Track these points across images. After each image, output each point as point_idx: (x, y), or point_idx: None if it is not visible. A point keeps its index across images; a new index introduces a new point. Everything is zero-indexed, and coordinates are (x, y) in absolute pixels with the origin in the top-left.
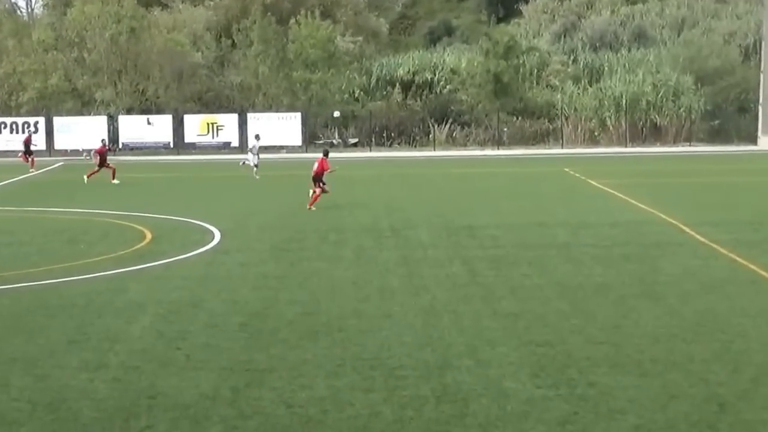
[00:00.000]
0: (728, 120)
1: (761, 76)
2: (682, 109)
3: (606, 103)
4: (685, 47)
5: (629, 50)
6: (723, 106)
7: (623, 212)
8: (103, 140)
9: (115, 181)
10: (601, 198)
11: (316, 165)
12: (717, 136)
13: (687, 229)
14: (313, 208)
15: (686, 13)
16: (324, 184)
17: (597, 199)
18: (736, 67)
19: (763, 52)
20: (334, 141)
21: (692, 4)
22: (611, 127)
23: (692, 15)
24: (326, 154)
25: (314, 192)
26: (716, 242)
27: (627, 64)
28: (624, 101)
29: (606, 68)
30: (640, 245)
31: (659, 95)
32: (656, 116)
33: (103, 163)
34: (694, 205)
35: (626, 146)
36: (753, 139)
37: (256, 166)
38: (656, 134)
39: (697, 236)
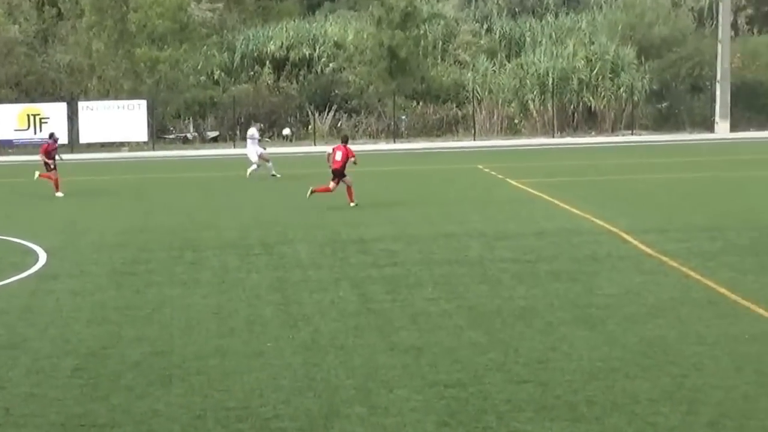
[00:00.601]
0: (679, 102)
1: (719, 46)
2: (622, 89)
3: (528, 82)
4: (626, 12)
5: (557, 16)
6: (672, 84)
7: (551, 219)
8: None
9: None
10: (524, 202)
11: (338, 155)
12: (665, 122)
13: (629, 238)
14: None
15: None
16: (345, 176)
17: (518, 204)
18: (688, 36)
19: (720, 17)
20: (189, 135)
21: None
22: (535, 113)
23: None
24: (346, 140)
25: (327, 187)
26: (665, 254)
27: (554, 34)
28: (551, 80)
29: (528, 39)
30: (572, 259)
31: (594, 72)
32: (590, 98)
33: None
34: (638, 208)
35: (553, 136)
36: (709, 125)
37: (259, 165)
38: (591, 121)
39: (642, 247)
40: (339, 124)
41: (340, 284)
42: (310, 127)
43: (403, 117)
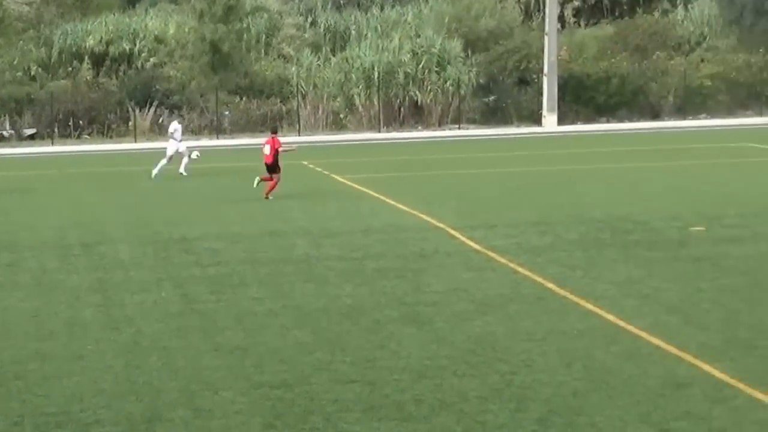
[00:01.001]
0: (506, 95)
1: (546, 39)
2: (449, 83)
3: (354, 76)
4: (452, 4)
5: (382, 9)
6: (500, 78)
7: (377, 215)
8: None
9: None
10: (350, 198)
11: (267, 149)
12: (493, 115)
13: (457, 234)
14: (271, 197)
15: None
16: (278, 170)
17: (344, 200)
18: (515, 29)
19: (547, 9)
20: (4, 133)
21: None
22: (361, 108)
23: None
24: (275, 131)
25: (271, 179)
26: (494, 250)
27: (380, 27)
28: (376, 74)
29: (353, 32)
30: (399, 257)
31: (420, 66)
32: (417, 92)
33: None
34: (465, 203)
35: (380, 131)
36: (536, 119)
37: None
38: (417, 115)
39: (470, 243)
40: (160, 121)
41: (163, 284)
42: (130, 123)
43: (226, 113)
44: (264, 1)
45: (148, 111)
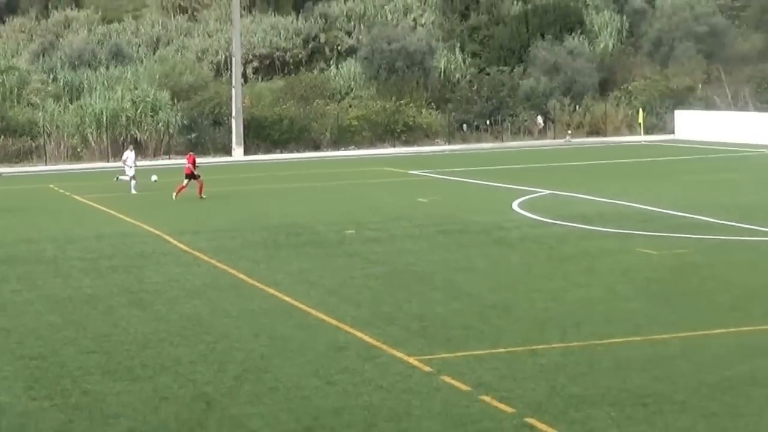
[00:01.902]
0: (204, 133)
1: (233, 90)
2: (160, 124)
3: (87, 119)
4: (161, 64)
5: (107, 68)
6: (199, 119)
7: (108, 225)
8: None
9: None
10: (87, 212)
11: (186, 161)
12: (195, 147)
13: (170, 239)
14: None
15: (161, 32)
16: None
17: (83, 214)
18: (209, 83)
19: (233, 68)
20: None
21: (166, 23)
22: (93, 143)
23: (166, 33)
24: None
25: (190, 183)
26: (198, 250)
27: (106, 81)
28: (104, 117)
29: (86, 86)
30: (126, 256)
31: (138, 110)
32: (136, 131)
33: None
34: (176, 216)
35: (109, 161)
36: (228, 150)
37: (133, 178)
38: (137, 148)
39: (180, 245)
40: None
41: None
42: None
43: None
44: (15, 62)
45: None
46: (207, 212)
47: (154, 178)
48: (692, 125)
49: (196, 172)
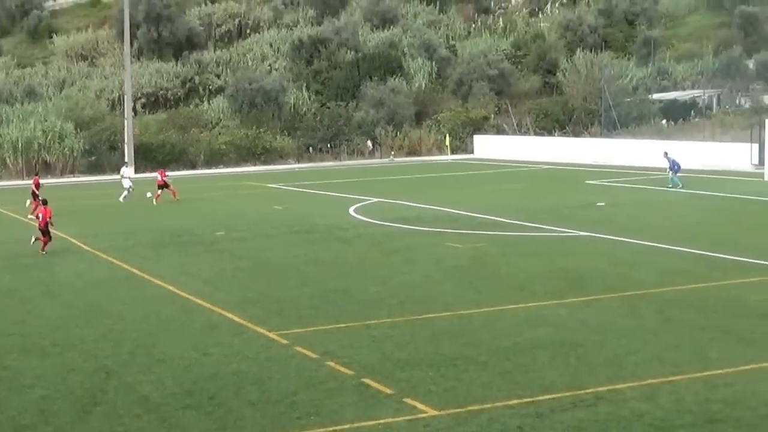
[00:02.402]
0: (102, 156)
1: (125, 121)
2: (66, 149)
3: (5, 146)
4: (66, 101)
5: (22, 104)
6: (98, 145)
7: (24, 231)
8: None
9: None
10: (5, 221)
11: (159, 175)
12: (95, 168)
13: (76, 241)
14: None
15: (66, 75)
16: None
17: (2, 222)
18: (106, 116)
19: (125, 104)
20: None
21: (70, 68)
22: (11, 165)
23: (71, 76)
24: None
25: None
26: (99, 250)
27: (21, 115)
28: (20, 144)
29: (4, 118)
30: (39, 256)
31: (48, 138)
32: (47, 154)
33: None
34: (80, 223)
35: (23, 179)
36: (119, 170)
37: (127, 190)
38: (47, 169)
39: (84, 246)
40: None
41: None
42: None
43: None
44: None
45: None
46: (105, 220)
47: (148, 194)
48: (487, 147)
49: (167, 181)
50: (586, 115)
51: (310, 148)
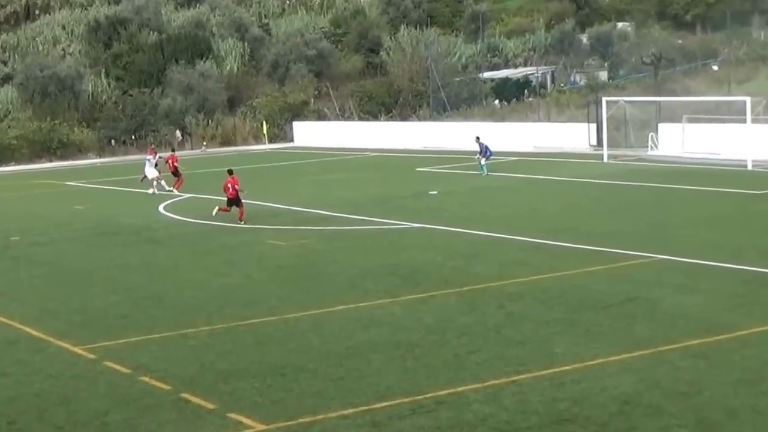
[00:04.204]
0: None
1: None
2: None
3: None
4: None
5: None
6: None
7: None
8: None
9: None
10: None
11: (230, 187)
12: None
13: None
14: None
15: None
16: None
17: None
18: None
19: None
20: None
21: None
22: None
23: None
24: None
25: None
26: None
27: None
28: None
29: None
30: None
31: None
32: None
33: None
34: None
35: None
36: None
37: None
38: None
39: None
40: None
41: None
42: None
43: None
44: None
45: None
46: None
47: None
48: (308, 134)
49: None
50: (414, 97)
51: (113, 141)
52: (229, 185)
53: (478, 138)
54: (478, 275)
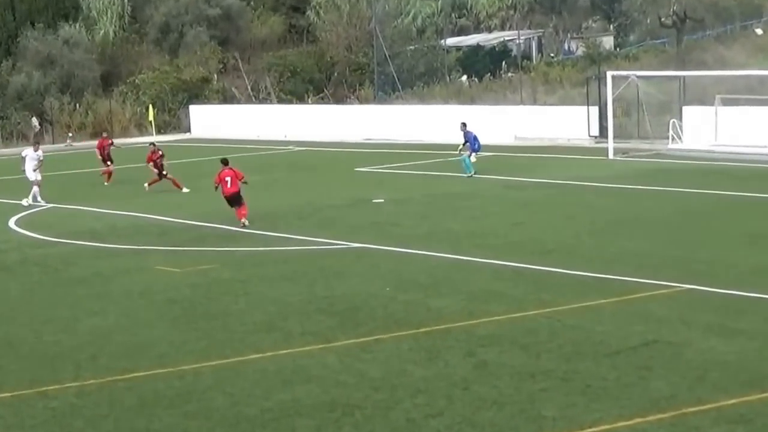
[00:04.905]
0: None
1: None
2: None
3: None
4: None
5: None
6: None
7: None
8: None
9: None
10: None
11: (228, 181)
12: None
13: None
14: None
15: None
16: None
17: None
18: None
19: None
20: None
21: None
22: None
23: None
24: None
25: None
26: None
27: None
28: None
29: None
30: None
31: None
32: None
33: None
34: None
35: None
36: None
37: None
38: None
39: None
40: None
41: None
42: None
43: None
44: None
45: None
46: None
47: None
48: (210, 122)
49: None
50: (352, 73)
51: None
52: (227, 179)
53: (464, 125)
54: (439, 312)
